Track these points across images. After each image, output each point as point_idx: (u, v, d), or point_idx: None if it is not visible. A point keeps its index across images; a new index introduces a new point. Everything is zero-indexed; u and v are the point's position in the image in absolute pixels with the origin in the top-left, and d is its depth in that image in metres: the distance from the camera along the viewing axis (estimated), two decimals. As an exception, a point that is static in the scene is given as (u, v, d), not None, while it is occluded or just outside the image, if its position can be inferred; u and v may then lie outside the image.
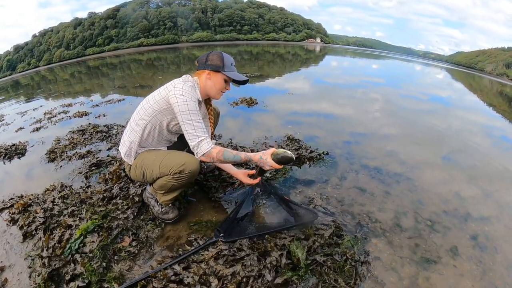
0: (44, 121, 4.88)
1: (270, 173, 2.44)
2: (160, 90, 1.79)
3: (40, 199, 2.26)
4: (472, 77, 28.05)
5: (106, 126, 3.90)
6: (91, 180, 2.52)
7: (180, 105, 1.67)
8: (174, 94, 1.68)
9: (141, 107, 1.83)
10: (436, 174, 2.81)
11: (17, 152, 3.49)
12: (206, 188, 2.30)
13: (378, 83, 10.52)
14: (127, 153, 1.85)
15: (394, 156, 3.11)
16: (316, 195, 2.24)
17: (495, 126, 5.71)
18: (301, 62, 19.50)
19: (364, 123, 4.41)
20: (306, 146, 3.01)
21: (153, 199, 1.96)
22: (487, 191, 2.62)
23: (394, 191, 2.37)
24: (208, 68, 1.81)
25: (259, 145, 3.06)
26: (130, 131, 1.85)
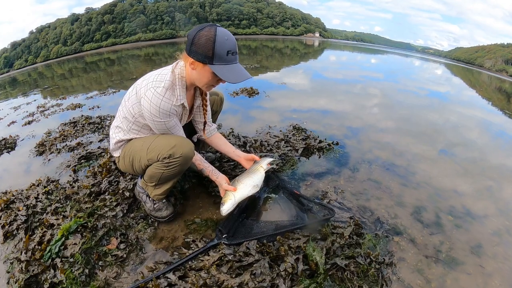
0: (36, 115, 4.69)
1: (277, 164, 2.21)
2: (136, 88, 1.48)
3: (24, 195, 2.04)
4: (471, 72, 28.03)
5: (99, 118, 3.70)
6: (79, 174, 2.30)
7: (151, 120, 1.44)
8: (144, 107, 1.41)
9: (124, 105, 1.56)
10: (450, 167, 2.69)
11: (6, 146, 3.33)
12: (206, 182, 2.05)
13: (377, 78, 10.39)
14: (114, 149, 1.67)
15: (405, 148, 2.95)
16: (330, 188, 2.04)
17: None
18: (300, 57, 19.35)
19: (364, 118, 4.29)
20: (314, 135, 2.79)
21: (144, 194, 1.71)
22: (503, 185, 2.49)
23: (411, 184, 2.23)
24: (192, 55, 1.35)
25: (262, 134, 2.84)
26: (116, 129, 1.63)
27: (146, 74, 1.51)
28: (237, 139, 2.58)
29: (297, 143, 2.57)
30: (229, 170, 2.14)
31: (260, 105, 4.11)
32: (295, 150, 2.47)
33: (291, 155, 2.40)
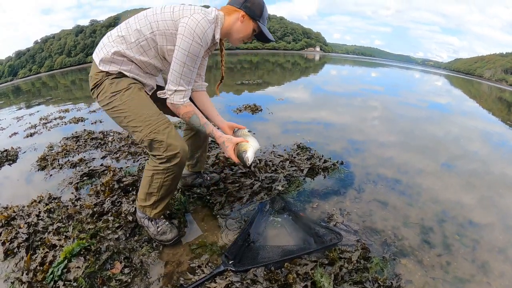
0: (38, 127, 4.68)
1: (282, 186, 2.18)
2: (174, 8, 1.47)
3: (25, 212, 2.00)
4: (471, 83, 28.28)
5: (102, 133, 3.67)
6: (81, 192, 2.27)
7: (183, 40, 1.39)
8: (186, 24, 1.39)
9: (144, 18, 1.48)
10: (454, 182, 2.68)
11: (7, 158, 3.29)
12: (210, 204, 2.02)
13: (378, 91, 10.50)
14: (106, 59, 1.48)
15: (409, 164, 2.93)
16: (335, 210, 2.00)
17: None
18: (301, 71, 19.54)
19: (366, 131, 4.36)
20: (318, 155, 2.76)
21: (146, 218, 1.66)
22: (506, 197, 2.49)
23: (416, 203, 2.21)
24: (245, 10, 1.52)
25: (266, 153, 2.81)
26: (118, 38, 1.49)
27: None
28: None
29: (302, 163, 2.54)
30: (234, 192, 2.11)
31: (264, 122, 4.10)
32: (300, 171, 2.44)
33: (297, 176, 2.37)
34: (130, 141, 3.27)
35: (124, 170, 2.49)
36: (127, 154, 2.92)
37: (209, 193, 2.11)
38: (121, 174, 2.33)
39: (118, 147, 3.14)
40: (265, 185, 2.18)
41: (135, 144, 3.17)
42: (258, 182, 2.19)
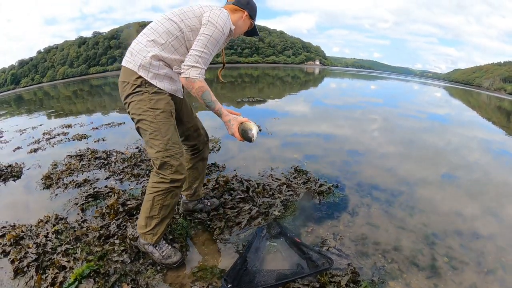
0: (42, 142, 4.77)
1: (279, 211, 2.28)
2: (193, 7, 1.65)
3: (33, 232, 2.10)
4: (470, 93, 28.51)
5: (105, 153, 3.74)
6: (87, 213, 2.36)
7: (207, 27, 1.57)
8: (209, 16, 1.58)
9: (168, 20, 1.61)
10: (449, 204, 2.74)
11: (12, 174, 3.38)
12: (211, 229, 2.13)
13: (377, 103, 10.72)
14: (145, 64, 1.57)
15: (405, 185, 3.01)
16: (329, 235, 2.09)
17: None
18: (301, 85, 19.75)
19: (367, 143, 4.58)
20: (314, 178, 2.87)
21: (149, 245, 1.77)
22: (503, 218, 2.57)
23: (408, 226, 2.28)
24: (247, 10, 1.79)
25: (265, 177, 2.91)
26: (150, 42, 1.59)
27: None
28: (240, 184, 2.64)
29: (298, 187, 2.65)
30: (233, 217, 2.21)
31: (263, 143, 4.18)
32: (296, 195, 2.54)
33: (293, 200, 2.47)
34: (133, 163, 3.34)
35: (128, 192, 2.59)
36: (130, 176, 3.00)
37: (209, 218, 2.21)
38: (125, 197, 2.43)
39: (122, 168, 3.21)
40: (263, 210, 2.27)
41: (137, 165, 3.26)
42: (256, 207, 2.29)
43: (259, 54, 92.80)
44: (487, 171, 3.85)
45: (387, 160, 3.89)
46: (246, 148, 3.95)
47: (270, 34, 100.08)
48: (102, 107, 10.31)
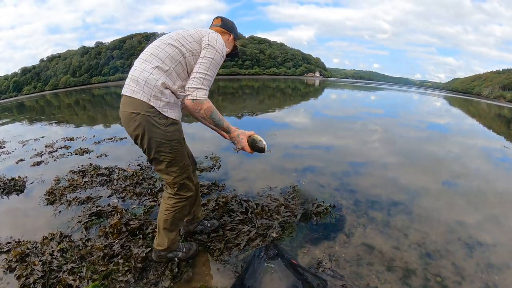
0: (44, 155, 4.83)
1: (277, 232, 2.34)
2: (190, 32, 1.70)
3: (39, 250, 2.16)
4: (469, 102, 28.71)
5: (107, 169, 3.81)
6: (90, 231, 2.42)
7: (209, 50, 1.64)
8: (208, 40, 1.66)
9: (168, 46, 1.63)
10: (445, 218, 2.80)
11: (15, 188, 3.43)
12: (211, 250, 2.19)
13: (378, 113, 10.96)
14: (156, 93, 1.56)
15: (401, 204, 3.04)
16: (324, 257, 2.14)
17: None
18: (301, 96, 19.93)
19: (367, 154, 4.77)
20: (312, 199, 2.93)
21: (170, 253, 1.94)
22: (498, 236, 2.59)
23: (403, 246, 2.30)
24: (233, 33, 1.94)
25: (264, 197, 2.96)
26: (156, 69, 1.59)
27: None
28: (240, 205, 2.70)
29: (296, 208, 2.71)
30: (231, 239, 2.27)
31: (263, 161, 4.23)
32: (294, 216, 2.59)
33: (290, 221, 2.52)
34: (135, 181, 3.37)
35: (130, 211, 2.66)
36: (132, 195, 3.04)
37: (210, 239, 2.27)
38: (128, 216, 2.50)
39: (124, 186, 3.25)
40: (261, 232, 2.33)
41: (139, 184, 3.30)
42: (255, 229, 2.34)
43: (259, 66, 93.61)
44: (488, 179, 4.02)
45: (387, 172, 4.03)
46: (246, 165, 4.03)
47: (270, 46, 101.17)
48: (103, 117, 10.43)
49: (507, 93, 77.34)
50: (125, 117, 1.61)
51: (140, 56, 1.67)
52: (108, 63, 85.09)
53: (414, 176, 3.90)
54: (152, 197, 2.97)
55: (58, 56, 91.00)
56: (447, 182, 3.82)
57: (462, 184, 3.79)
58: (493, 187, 3.78)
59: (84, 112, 12.99)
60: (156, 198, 2.96)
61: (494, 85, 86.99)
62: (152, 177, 3.49)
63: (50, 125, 8.53)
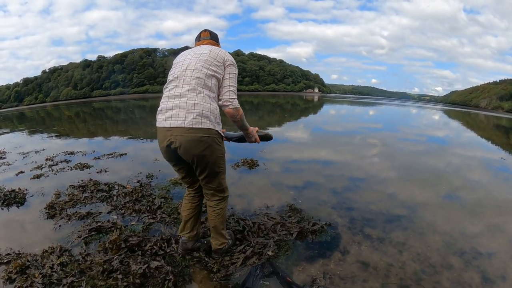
0: (45, 168, 4.87)
1: (273, 251, 2.37)
2: (214, 56, 1.95)
3: (39, 262, 2.19)
4: (468, 114, 28.95)
5: (107, 185, 3.83)
6: (90, 246, 2.46)
7: (232, 67, 1.99)
8: (230, 58, 2.00)
9: (193, 70, 1.89)
10: (440, 232, 2.85)
11: (16, 200, 3.46)
12: (208, 267, 2.22)
13: (376, 128, 11.23)
14: (214, 119, 1.88)
15: (396, 221, 3.07)
16: (319, 274, 2.17)
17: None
18: (300, 112, 20.10)
19: (366, 169, 4.90)
20: (308, 217, 2.96)
21: (226, 245, 2.29)
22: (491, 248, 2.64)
23: (397, 263, 2.33)
24: (219, 44, 2.25)
25: (260, 215, 2.99)
26: (191, 92, 1.85)
27: (198, 50, 2.02)
28: (237, 223, 2.74)
29: (292, 227, 2.73)
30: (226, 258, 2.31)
31: (260, 179, 4.28)
32: (290, 234, 2.63)
33: (286, 240, 2.56)
34: (134, 198, 3.39)
35: (129, 228, 2.70)
36: (131, 211, 3.06)
37: (207, 257, 2.30)
38: (127, 233, 2.54)
39: (123, 203, 3.26)
40: (257, 250, 2.36)
41: (138, 200, 3.35)
42: (251, 247, 2.38)
43: (259, 82, 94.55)
44: (489, 192, 4.15)
45: (386, 187, 4.16)
46: (244, 180, 4.16)
47: (270, 62, 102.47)
48: (103, 131, 10.49)
49: (505, 103, 77.84)
50: (193, 142, 1.83)
51: (185, 80, 1.88)
52: (110, 77, 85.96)
53: (412, 191, 3.99)
54: (151, 214, 3.00)
55: (60, 68, 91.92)
56: (447, 196, 3.91)
57: (462, 197, 3.89)
58: (495, 199, 3.88)
59: (84, 125, 13.08)
60: (155, 215, 2.99)
61: (491, 96, 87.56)
62: (151, 194, 3.53)
63: (51, 137, 8.61)
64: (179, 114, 1.80)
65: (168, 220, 2.90)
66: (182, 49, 65.02)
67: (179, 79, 1.88)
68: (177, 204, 3.19)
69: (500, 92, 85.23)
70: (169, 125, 1.82)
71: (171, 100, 1.86)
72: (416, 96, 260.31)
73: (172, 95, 1.86)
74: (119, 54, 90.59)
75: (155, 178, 4.18)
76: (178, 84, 1.87)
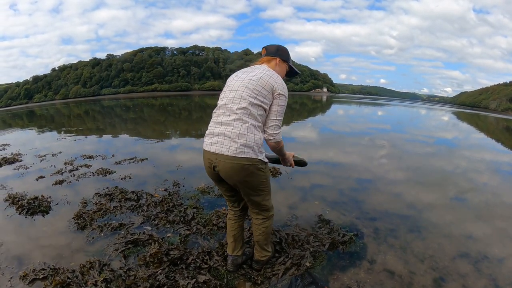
0: (65, 173, 4.82)
1: (310, 262, 2.47)
2: (262, 83, 1.91)
3: (80, 279, 2.15)
4: (477, 116, 28.72)
5: (135, 194, 3.77)
6: (129, 260, 2.45)
7: (281, 98, 1.95)
8: (278, 86, 1.94)
9: (255, 107, 1.89)
10: (455, 242, 2.96)
11: (40, 208, 3.39)
12: (251, 279, 2.29)
13: (385, 129, 11.55)
14: (258, 149, 1.90)
15: (416, 231, 3.16)
16: (352, 282, 2.30)
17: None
18: (308, 112, 20.05)
19: (375, 171, 4.77)
20: (337, 227, 3.04)
21: (264, 256, 2.34)
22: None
23: (419, 271, 2.47)
24: (278, 56, 2.11)
25: (291, 226, 3.05)
26: (245, 125, 1.87)
27: (249, 75, 2.00)
28: (273, 235, 2.76)
29: (324, 238, 2.82)
30: (270, 268, 2.38)
31: (283, 188, 4.27)
32: (322, 245, 2.72)
33: (320, 251, 2.66)
34: (165, 208, 3.34)
35: (167, 240, 2.70)
36: (165, 222, 3.04)
37: (250, 269, 2.38)
38: (166, 246, 2.53)
39: (155, 213, 3.22)
40: (295, 261, 2.44)
41: (170, 211, 3.30)
42: (289, 259, 2.46)
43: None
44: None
45: (399, 190, 4.34)
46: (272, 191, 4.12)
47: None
48: (117, 131, 10.67)
49: (516, 105, 76.47)
50: (235, 169, 1.88)
51: (232, 109, 1.90)
52: (119, 75, 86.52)
53: (427, 197, 4.13)
54: (185, 226, 2.99)
55: (69, 66, 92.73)
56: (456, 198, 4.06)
57: (475, 202, 4.02)
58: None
59: (95, 123, 13.24)
60: (190, 226, 2.99)
61: (501, 98, 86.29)
62: (181, 204, 3.50)
63: (64, 138, 8.63)
64: (224, 142, 1.86)
65: (204, 231, 2.91)
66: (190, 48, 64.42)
67: (226, 107, 1.91)
68: (210, 215, 3.20)
69: (510, 93, 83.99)
70: (214, 150, 1.89)
71: (218, 126, 1.92)
72: (425, 97, 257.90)
73: (220, 121, 1.92)
74: (128, 53, 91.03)
75: (182, 186, 4.14)
76: (225, 112, 1.91)
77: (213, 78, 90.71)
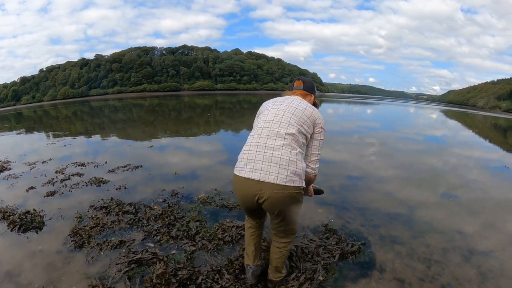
0: (57, 183, 4.56)
1: (322, 275, 2.44)
2: (307, 114, 1.93)
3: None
4: (465, 114, 29.41)
5: (132, 206, 3.57)
6: (134, 282, 2.29)
7: (322, 132, 2.00)
8: (321, 122, 1.99)
9: (287, 125, 1.88)
10: (458, 253, 2.92)
11: (33, 224, 3.17)
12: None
13: (374, 127, 11.76)
14: (301, 177, 1.86)
15: (420, 237, 3.18)
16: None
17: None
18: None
19: (365, 168, 4.77)
20: (344, 237, 3.00)
21: (279, 277, 2.25)
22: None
23: (427, 277, 2.50)
24: (313, 93, 2.19)
25: (299, 238, 2.96)
26: (285, 148, 1.82)
27: (293, 103, 2.00)
28: None
29: (333, 249, 2.78)
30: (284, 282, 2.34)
31: None
32: (332, 257, 2.68)
33: (331, 263, 2.62)
34: (167, 222, 3.17)
35: (171, 257, 2.56)
36: (168, 238, 2.88)
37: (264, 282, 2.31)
38: (172, 265, 2.41)
39: (157, 228, 3.04)
40: (308, 276, 2.39)
41: (172, 225, 3.13)
42: (302, 274, 2.40)
43: (257, 81, 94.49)
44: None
45: (401, 191, 4.39)
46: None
47: (268, 61, 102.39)
48: (107, 133, 10.47)
49: (502, 103, 78.50)
50: (282, 198, 1.82)
51: (279, 133, 1.85)
52: (107, 75, 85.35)
53: (428, 197, 4.24)
54: (190, 241, 2.84)
55: (57, 67, 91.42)
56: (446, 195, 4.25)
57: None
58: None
59: (84, 125, 12.95)
60: (194, 241, 2.84)
61: (489, 96, 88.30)
62: (183, 216, 3.33)
63: (54, 144, 8.28)
64: (271, 169, 1.75)
65: (210, 247, 2.78)
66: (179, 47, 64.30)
67: (272, 130, 1.84)
68: (215, 228, 3.08)
69: (497, 91, 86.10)
70: (258, 178, 1.76)
71: (261, 150, 1.81)
72: (414, 95, 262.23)
73: (264, 144, 1.82)
74: (117, 53, 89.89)
75: (181, 197, 3.96)
76: (271, 135, 1.83)
77: (203, 78, 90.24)
